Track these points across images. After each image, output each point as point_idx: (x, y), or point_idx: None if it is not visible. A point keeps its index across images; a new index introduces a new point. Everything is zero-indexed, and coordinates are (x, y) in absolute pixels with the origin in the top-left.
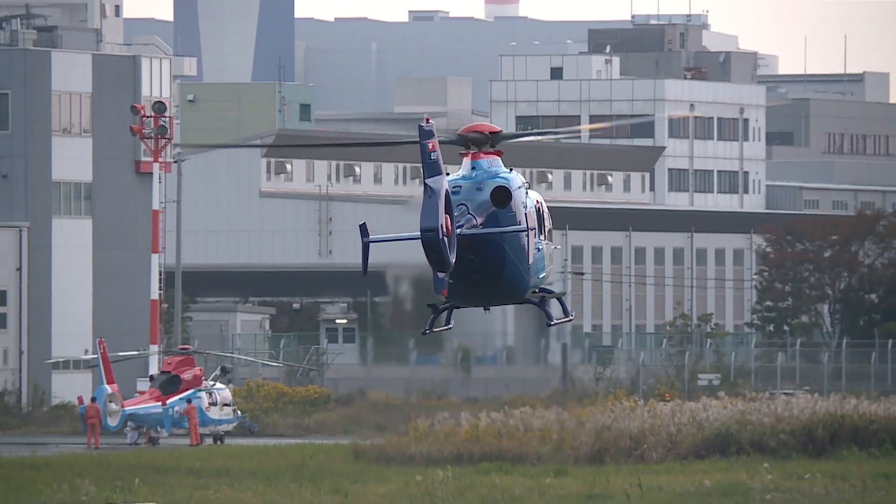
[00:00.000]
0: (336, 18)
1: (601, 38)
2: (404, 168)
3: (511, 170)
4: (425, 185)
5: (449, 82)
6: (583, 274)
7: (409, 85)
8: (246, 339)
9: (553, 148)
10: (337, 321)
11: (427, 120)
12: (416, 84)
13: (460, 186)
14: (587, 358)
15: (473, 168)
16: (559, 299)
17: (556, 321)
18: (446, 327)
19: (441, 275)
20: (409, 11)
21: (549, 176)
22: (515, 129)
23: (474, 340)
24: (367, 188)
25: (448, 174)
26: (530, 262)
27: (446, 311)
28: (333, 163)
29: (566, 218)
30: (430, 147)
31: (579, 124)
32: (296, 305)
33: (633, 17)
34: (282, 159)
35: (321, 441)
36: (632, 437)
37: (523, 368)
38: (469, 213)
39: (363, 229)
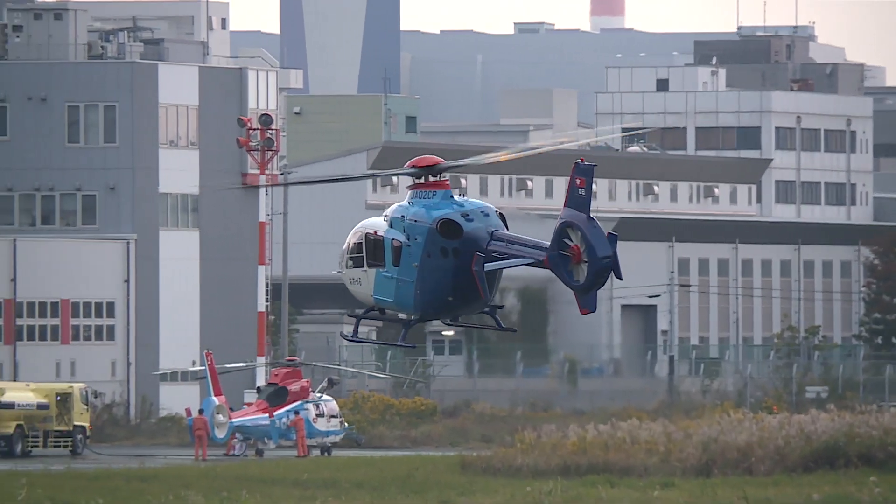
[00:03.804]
0: (441, 30)
1: (707, 49)
2: (510, 180)
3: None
4: (590, 217)
5: (555, 94)
6: (689, 286)
7: (514, 97)
8: (352, 350)
9: (659, 160)
10: (443, 333)
11: (582, 159)
12: (522, 96)
13: (470, 214)
14: (694, 370)
15: (450, 196)
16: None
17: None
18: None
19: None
20: (515, 23)
21: (656, 188)
22: (621, 141)
23: (580, 352)
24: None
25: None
26: None
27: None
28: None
29: (672, 230)
30: (581, 182)
31: (685, 136)
32: (402, 317)
33: (739, 28)
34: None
35: (427, 453)
36: (739, 450)
37: (630, 380)
38: (504, 237)
39: None
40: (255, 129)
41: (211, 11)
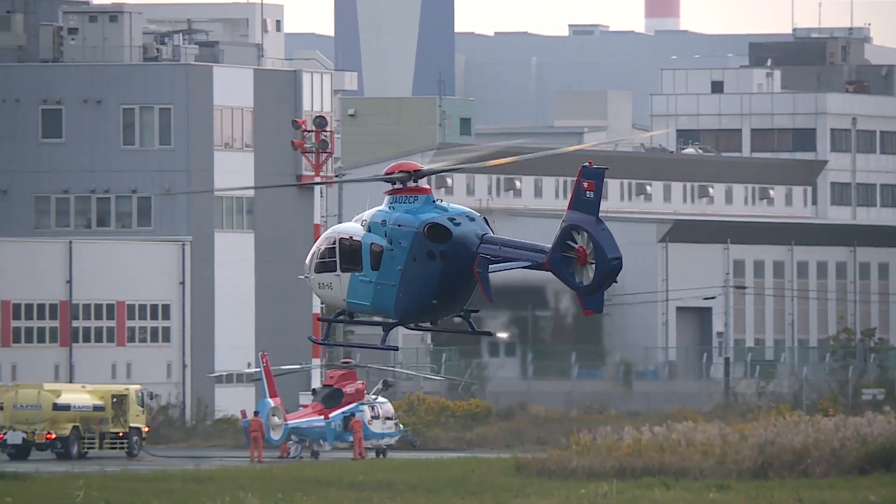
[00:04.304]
0: (496, 32)
1: (762, 51)
2: (564, 182)
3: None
4: (599, 219)
5: (609, 96)
6: (745, 288)
7: (569, 99)
8: (407, 352)
9: (714, 162)
10: (498, 335)
11: (590, 163)
12: (576, 98)
13: (456, 218)
14: (749, 372)
15: (432, 201)
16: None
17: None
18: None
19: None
20: (570, 25)
21: (711, 190)
22: (676, 142)
23: (635, 354)
24: (528, 202)
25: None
26: None
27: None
28: (493, 176)
29: (727, 232)
30: (590, 185)
31: (740, 139)
32: (457, 319)
33: (794, 30)
34: (442, 173)
35: (483, 455)
36: (795, 452)
37: (685, 382)
38: (496, 240)
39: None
40: (309, 131)
41: (266, 14)
